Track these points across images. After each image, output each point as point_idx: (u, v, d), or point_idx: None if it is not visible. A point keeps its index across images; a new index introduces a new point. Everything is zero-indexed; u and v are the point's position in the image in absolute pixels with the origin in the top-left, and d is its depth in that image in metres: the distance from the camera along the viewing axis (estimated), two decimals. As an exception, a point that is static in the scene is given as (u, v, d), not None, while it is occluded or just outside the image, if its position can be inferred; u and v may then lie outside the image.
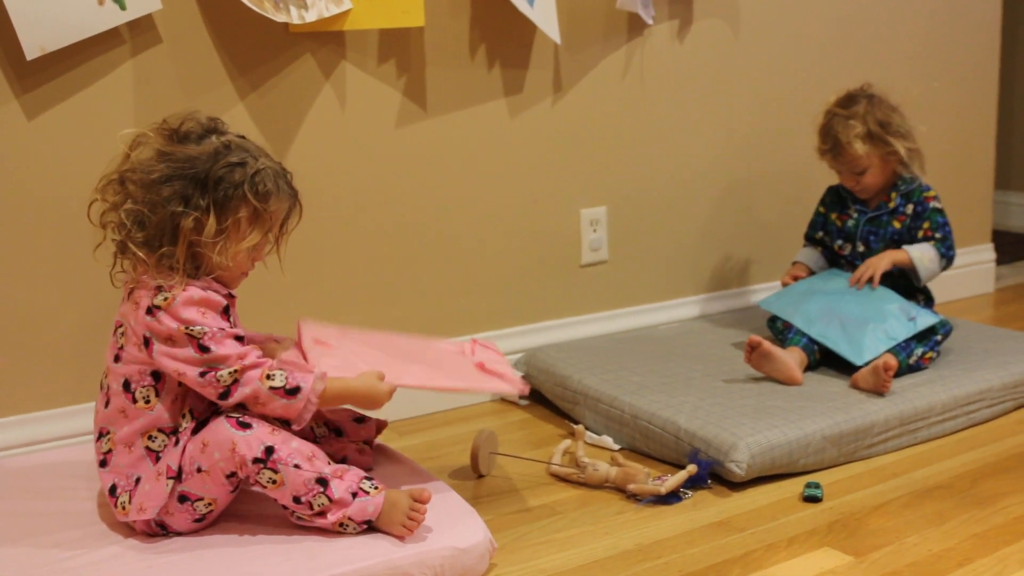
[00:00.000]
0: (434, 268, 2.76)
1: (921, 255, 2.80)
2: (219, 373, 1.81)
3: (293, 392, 1.84)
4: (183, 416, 1.88)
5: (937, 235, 2.83)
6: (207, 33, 2.39)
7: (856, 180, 2.84)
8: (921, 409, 2.49)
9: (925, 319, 2.72)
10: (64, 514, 1.99)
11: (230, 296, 1.93)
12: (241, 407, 1.85)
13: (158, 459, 1.86)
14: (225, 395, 1.82)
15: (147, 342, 1.84)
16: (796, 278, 2.93)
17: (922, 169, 2.85)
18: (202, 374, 1.81)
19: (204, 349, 1.81)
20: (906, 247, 2.82)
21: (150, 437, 1.86)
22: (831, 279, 2.87)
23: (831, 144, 2.82)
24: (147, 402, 1.86)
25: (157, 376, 1.86)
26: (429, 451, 2.49)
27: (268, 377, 1.83)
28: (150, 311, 1.83)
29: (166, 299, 1.82)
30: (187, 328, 1.81)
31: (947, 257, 2.84)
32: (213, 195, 1.84)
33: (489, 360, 2.11)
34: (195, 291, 1.84)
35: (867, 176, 2.82)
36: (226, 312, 1.89)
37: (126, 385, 1.87)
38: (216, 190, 1.84)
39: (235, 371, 1.82)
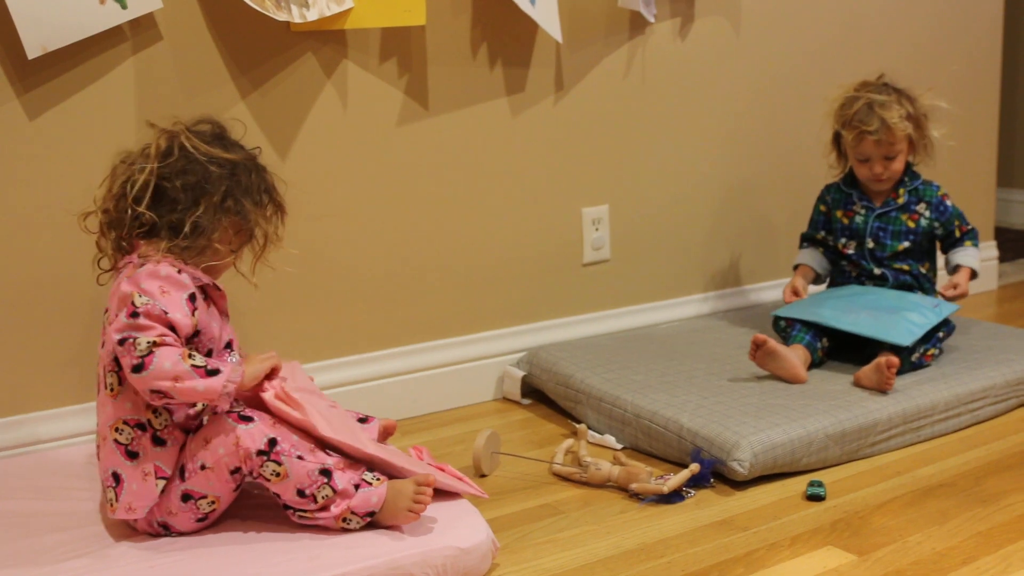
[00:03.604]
0: (436, 267, 2.76)
1: (976, 262, 2.86)
2: (138, 339, 1.75)
3: (214, 372, 1.79)
4: (154, 412, 1.85)
5: (970, 229, 2.89)
6: (208, 32, 2.39)
7: (885, 166, 2.81)
8: (924, 407, 2.48)
9: (948, 306, 2.75)
10: (66, 514, 1.99)
11: (217, 290, 1.94)
12: (161, 395, 1.79)
13: (128, 453, 1.84)
14: (139, 368, 1.75)
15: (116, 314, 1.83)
16: (796, 291, 2.90)
17: (934, 158, 2.87)
18: (121, 341, 1.76)
19: (135, 315, 1.77)
20: (967, 263, 2.85)
21: (117, 429, 1.84)
22: (841, 290, 2.87)
23: (878, 125, 2.76)
24: (111, 390, 1.85)
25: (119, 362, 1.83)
26: (431, 451, 2.47)
27: (190, 356, 1.79)
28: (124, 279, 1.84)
29: (137, 269, 1.84)
30: (136, 295, 1.79)
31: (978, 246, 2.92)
32: (252, 197, 1.91)
33: (448, 467, 2.10)
34: (165, 267, 1.83)
35: (896, 162, 2.81)
36: (191, 299, 1.85)
37: (104, 371, 1.86)
38: (250, 192, 1.91)
39: (152, 342, 1.76)
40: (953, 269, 2.87)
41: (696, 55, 3.11)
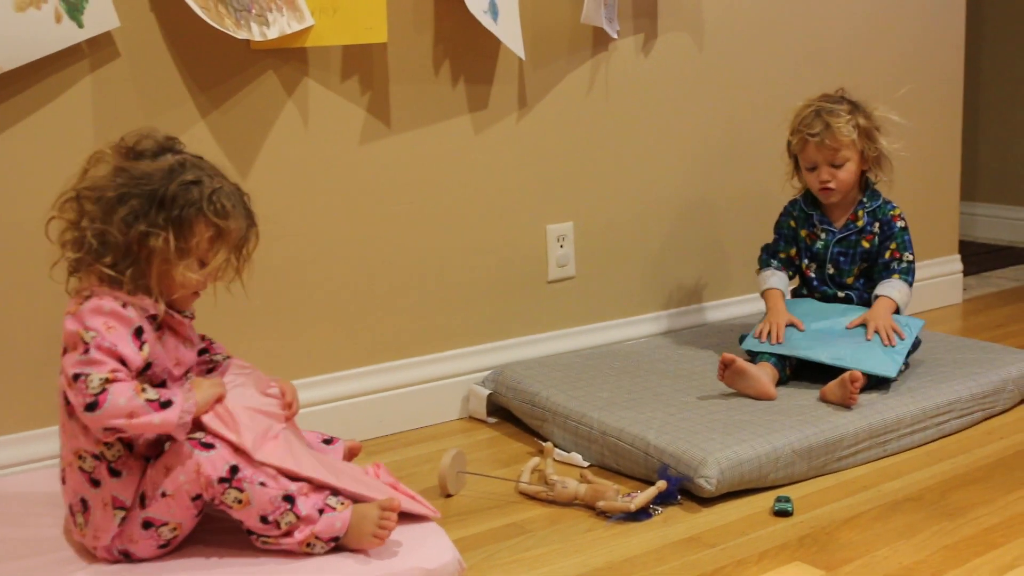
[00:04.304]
0: (399, 286, 2.74)
1: (901, 296, 2.78)
2: (90, 376, 1.72)
3: (167, 404, 1.76)
4: (105, 444, 1.81)
5: (906, 257, 2.81)
6: (167, 51, 2.37)
7: (832, 174, 2.78)
8: (890, 421, 2.49)
9: (915, 323, 2.75)
10: (29, 541, 1.96)
11: (172, 317, 1.89)
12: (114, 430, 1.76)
13: (92, 482, 1.82)
14: (93, 406, 1.72)
15: (64, 350, 1.80)
16: (779, 330, 2.75)
17: (891, 175, 2.85)
18: (75, 377, 1.73)
19: (85, 351, 1.74)
20: (889, 295, 2.76)
21: (80, 457, 1.82)
22: (798, 306, 2.84)
23: (820, 128, 2.75)
24: (69, 417, 1.83)
25: None
26: (397, 471, 2.45)
27: (143, 390, 1.75)
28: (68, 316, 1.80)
29: (80, 304, 1.80)
30: (82, 332, 1.76)
31: (911, 284, 2.83)
32: (170, 213, 1.81)
33: (400, 484, 2.07)
34: (108, 302, 1.79)
35: (843, 171, 2.78)
36: (137, 334, 1.80)
37: (62, 401, 1.84)
38: (172, 208, 1.81)
39: (105, 379, 1.72)
40: (873, 299, 2.80)
41: (659, 71, 3.11)
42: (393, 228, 2.71)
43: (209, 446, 1.81)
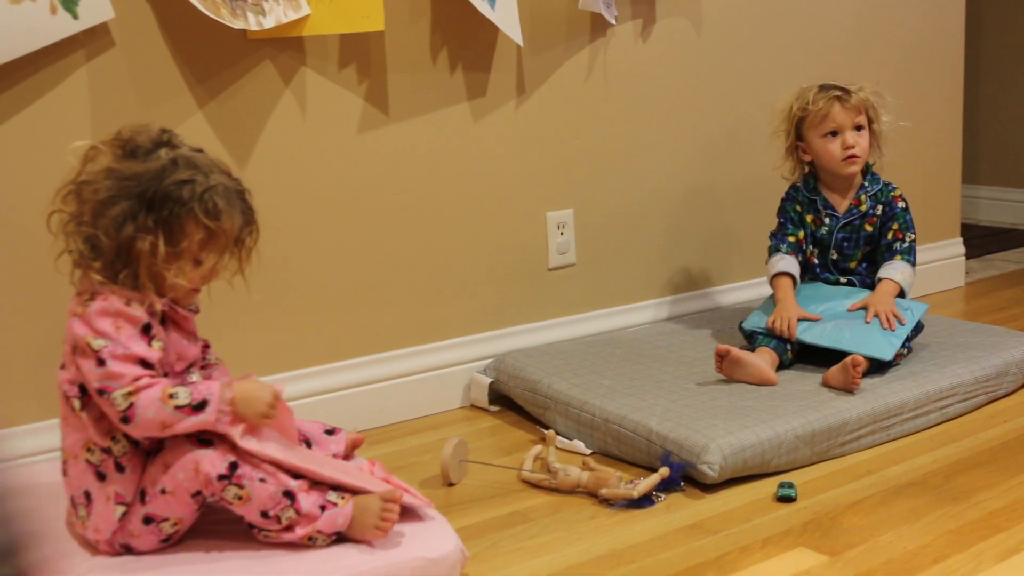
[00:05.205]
0: (399, 275, 2.73)
1: (904, 278, 2.76)
2: (113, 394, 1.72)
3: (200, 407, 1.76)
4: (112, 438, 1.81)
5: (908, 237, 2.80)
6: (163, 42, 2.36)
7: (856, 140, 2.75)
8: (893, 406, 2.48)
9: (918, 307, 2.74)
10: (30, 534, 1.95)
11: (176, 312, 1.87)
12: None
13: (98, 475, 1.82)
14: (126, 420, 1.73)
15: (74, 349, 1.79)
16: (791, 324, 2.68)
17: (884, 154, 2.84)
18: (100, 392, 1.74)
19: (101, 363, 1.74)
20: (892, 277, 2.75)
21: (88, 449, 1.81)
22: (800, 290, 2.81)
23: (840, 92, 2.74)
24: (75, 412, 1.82)
25: (83, 389, 1.80)
26: (398, 460, 2.46)
27: (171, 396, 1.74)
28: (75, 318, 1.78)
29: (86, 305, 1.78)
30: (92, 339, 1.74)
31: (914, 264, 2.82)
32: (159, 214, 1.77)
33: (393, 478, 2.05)
34: (114, 301, 1.77)
35: (863, 138, 2.76)
36: (146, 331, 1.79)
37: (66, 392, 1.82)
38: (163, 209, 1.77)
39: (129, 392, 1.72)
40: (876, 282, 2.79)
41: (658, 57, 3.10)
42: (392, 217, 2.70)
43: (207, 443, 1.80)
